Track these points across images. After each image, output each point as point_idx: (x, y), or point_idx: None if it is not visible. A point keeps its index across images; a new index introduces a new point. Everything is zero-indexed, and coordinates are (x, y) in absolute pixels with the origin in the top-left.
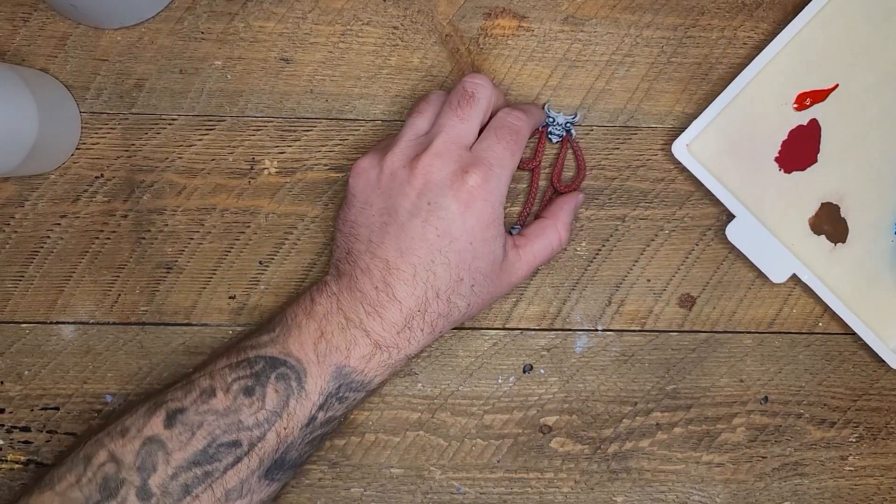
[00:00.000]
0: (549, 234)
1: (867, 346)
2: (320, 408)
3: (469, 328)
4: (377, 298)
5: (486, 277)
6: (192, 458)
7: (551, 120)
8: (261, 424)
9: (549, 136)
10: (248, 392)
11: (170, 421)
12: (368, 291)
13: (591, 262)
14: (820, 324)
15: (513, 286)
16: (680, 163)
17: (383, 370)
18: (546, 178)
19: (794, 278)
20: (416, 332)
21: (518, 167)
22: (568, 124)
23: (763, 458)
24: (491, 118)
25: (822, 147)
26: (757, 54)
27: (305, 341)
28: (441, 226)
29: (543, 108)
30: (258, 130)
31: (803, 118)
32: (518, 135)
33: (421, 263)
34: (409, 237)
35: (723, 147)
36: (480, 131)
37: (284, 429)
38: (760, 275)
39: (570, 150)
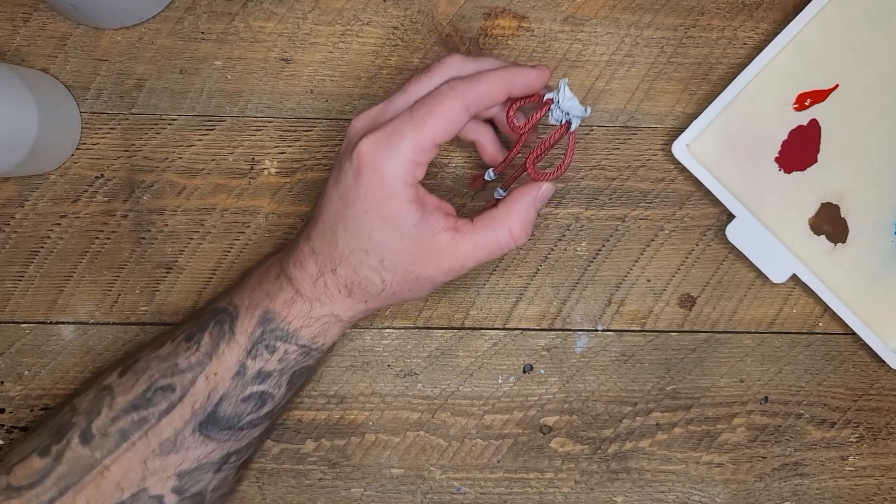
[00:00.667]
0: (495, 228)
1: (867, 346)
2: (248, 354)
3: (469, 328)
4: (302, 250)
5: (396, 255)
6: (132, 401)
7: (558, 97)
8: (192, 368)
9: (550, 112)
10: (189, 338)
11: (124, 371)
12: (300, 244)
13: (592, 262)
14: (820, 324)
15: (451, 273)
16: (680, 163)
17: (308, 323)
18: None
19: (794, 278)
20: (332, 290)
21: (504, 131)
22: (570, 115)
23: (763, 458)
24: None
25: (822, 147)
26: (757, 54)
27: (245, 290)
28: (341, 189)
29: (559, 84)
30: (258, 130)
31: (803, 118)
32: (437, 104)
33: (329, 222)
34: (325, 195)
35: (723, 147)
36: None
37: (214, 374)
38: (760, 275)
39: (564, 141)
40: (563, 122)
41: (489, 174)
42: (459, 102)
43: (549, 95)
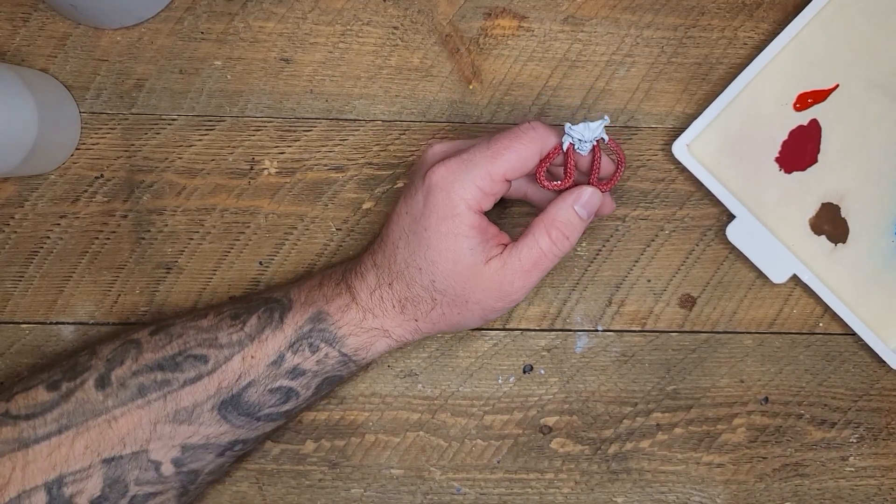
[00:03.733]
0: (535, 235)
1: (868, 346)
2: (290, 347)
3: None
4: (365, 262)
5: (447, 276)
6: (159, 360)
7: (578, 139)
8: (232, 345)
9: (579, 150)
10: (235, 317)
11: (156, 330)
12: (364, 256)
13: (592, 262)
14: (820, 324)
15: (501, 298)
16: (680, 163)
17: (357, 332)
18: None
19: (795, 278)
20: (387, 303)
21: (548, 187)
22: (599, 135)
23: (763, 458)
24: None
25: (822, 147)
26: (757, 54)
27: (304, 287)
28: (409, 206)
29: (565, 128)
30: (258, 130)
31: (804, 118)
32: (514, 139)
33: (392, 237)
34: (394, 212)
35: (723, 147)
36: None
37: (252, 357)
38: (761, 275)
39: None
40: (592, 146)
41: None
42: (536, 145)
43: (566, 141)
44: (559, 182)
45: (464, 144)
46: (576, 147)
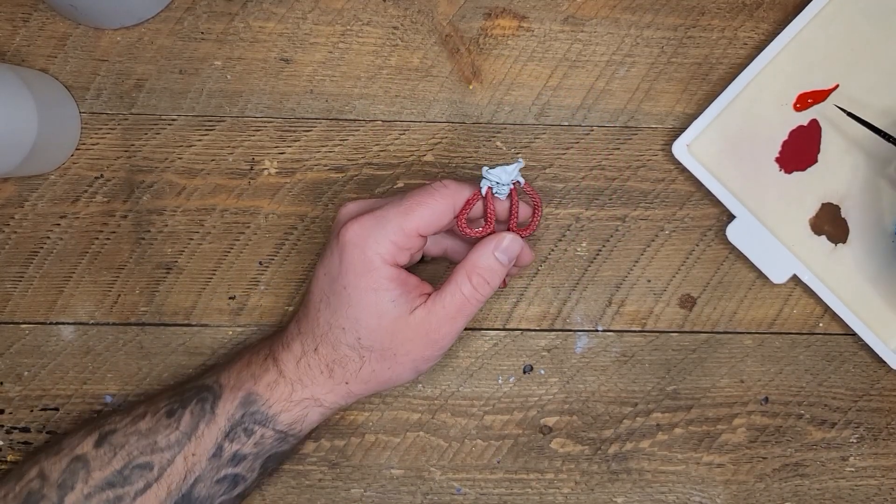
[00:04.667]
0: (458, 282)
1: (868, 346)
2: (226, 436)
3: (469, 329)
4: (290, 331)
5: (372, 332)
6: (109, 478)
7: (495, 181)
8: (171, 447)
9: (497, 194)
10: (170, 414)
11: (100, 441)
12: (290, 326)
13: (592, 262)
14: (820, 324)
15: (429, 346)
16: (680, 163)
17: (288, 407)
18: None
19: (795, 279)
20: (314, 370)
21: (466, 234)
22: (510, 179)
23: (763, 458)
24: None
25: (822, 147)
26: (757, 54)
27: (233, 369)
28: (326, 267)
29: (483, 172)
30: (258, 131)
31: (804, 118)
32: (426, 196)
33: (314, 301)
34: (313, 277)
35: (723, 147)
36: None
37: (192, 454)
38: (761, 275)
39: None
40: (510, 189)
41: None
42: (448, 200)
43: (485, 185)
44: (480, 229)
45: (376, 203)
46: (494, 191)
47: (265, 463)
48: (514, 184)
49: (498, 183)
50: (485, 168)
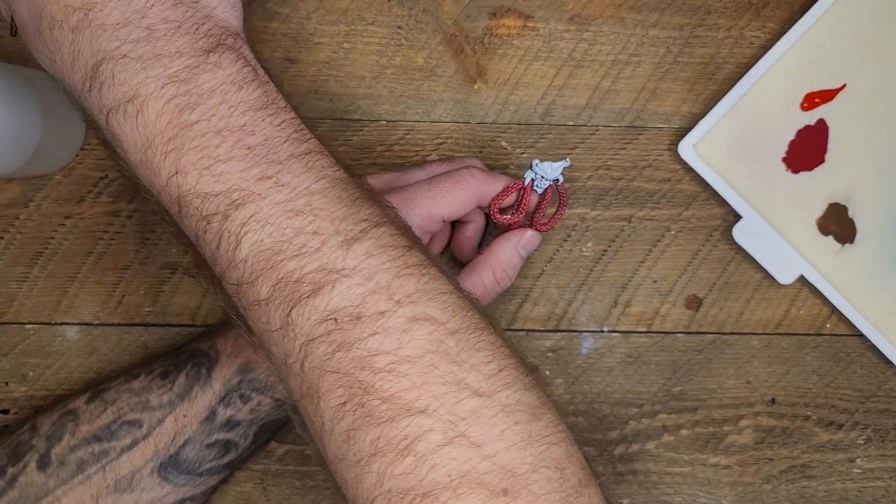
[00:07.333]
0: (480, 273)
1: (875, 347)
2: (221, 401)
3: None
4: None
5: None
6: (96, 431)
7: (541, 175)
8: (163, 406)
9: (535, 188)
10: (164, 375)
11: (92, 397)
12: None
13: (597, 262)
14: (827, 325)
15: None
16: (686, 163)
17: None
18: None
19: (802, 279)
20: None
21: (500, 220)
22: (556, 176)
23: (770, 460)
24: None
25: (829, 147)
26: (764, 54)
27: (230, 335)
28: None
29: (531, 163)
30: None
31: (811, 118)
32: (455, 184)
33: None
34: None
35: (730, 147)
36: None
37: (184, 416)
38: (767, 276)
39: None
40: (548, 185)
41: None
42: (475, 192)
43: (528, 176)
44: (509, 216)
45: (400, 177)
46: (535, 184)
47: (259, 430)
48: (553, 181)
49: (542, 177)
50: (535, 160)
